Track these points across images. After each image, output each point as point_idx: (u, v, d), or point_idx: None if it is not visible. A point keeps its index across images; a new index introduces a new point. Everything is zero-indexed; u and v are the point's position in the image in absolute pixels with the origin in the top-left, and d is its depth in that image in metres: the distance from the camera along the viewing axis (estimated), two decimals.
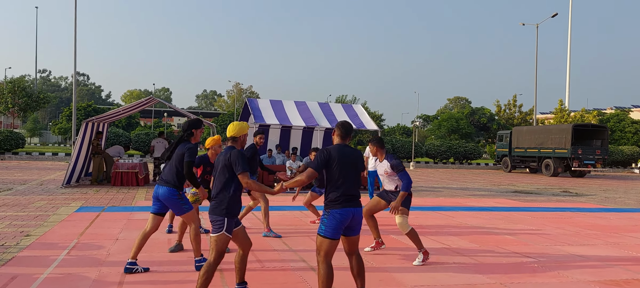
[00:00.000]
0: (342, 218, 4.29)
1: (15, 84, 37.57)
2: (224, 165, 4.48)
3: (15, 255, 6.19)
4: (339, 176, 4.33)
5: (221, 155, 4.56)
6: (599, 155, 28.47)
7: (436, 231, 8.76)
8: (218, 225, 4.40)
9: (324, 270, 4.25)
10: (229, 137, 4.71)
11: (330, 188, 4.35)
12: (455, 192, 17.11)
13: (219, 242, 4.38)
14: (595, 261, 6.84)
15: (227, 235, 4.42)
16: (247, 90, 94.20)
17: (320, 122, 16.02)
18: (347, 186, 4.35)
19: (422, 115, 68.63)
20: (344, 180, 4.34)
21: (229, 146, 4.64)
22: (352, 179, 4.40)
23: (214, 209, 4.44)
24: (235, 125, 4.73)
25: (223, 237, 4.39)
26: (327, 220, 4.31)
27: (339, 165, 4.34)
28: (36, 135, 72.83)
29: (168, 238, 7.47)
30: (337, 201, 4.30)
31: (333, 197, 4.32)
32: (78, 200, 11.54)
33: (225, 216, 4.40)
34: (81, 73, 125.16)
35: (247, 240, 4.65)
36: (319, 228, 4.35)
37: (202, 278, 4.33)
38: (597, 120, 45.47)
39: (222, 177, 4.47)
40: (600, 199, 15.89)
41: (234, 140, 4.70)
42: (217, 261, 4.38)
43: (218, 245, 4.38)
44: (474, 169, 36.88)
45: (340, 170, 4.34)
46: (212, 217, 4.44)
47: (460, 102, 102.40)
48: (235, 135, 4.70)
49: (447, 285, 5.42)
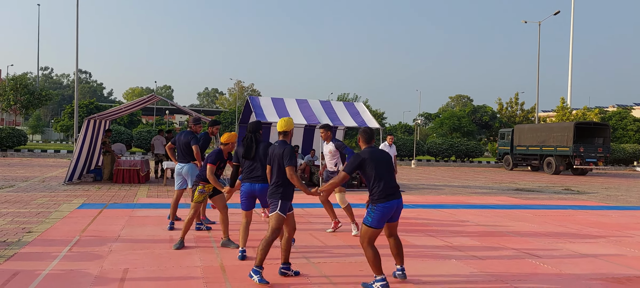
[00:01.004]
0: (387, 211, 4.90)
1: (17, 81, 37.59)
2: (280, 157, 5.21)
3: (17, 251, 6.20)
4: (376, 175, 4.92)
5: (276, 148, 5.28)
6: (600, 153, 28.42)
7: (438, 228, 8.75)
8: (273, 205, 5.18)
9: (371, 253, 4.87)
10: (280, 131, 5.41)
11: (372, 186, 4.92)
12: (456, 189, 17.10)
13: (275, 221, 5.13)
14: (597, 258, 6.83)
15: (282, 214, 5.17)
16: (248, 88, 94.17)
17: (321, 120, 16.00)
18: (387, 182, 4.93)
19: (424, 114, 68.57)
20: (382, 177, 4.93)
21: (281, 140, 5.37)
22: (389, 175, 5.00)
23: (272, 193, 5.21)
24: (284, 121, 5.42)
25: (278, 216, 5.15)
26: (374, 213, 4.89)
27: (373, 165, 4.94)
28: (38, 133, 72.89)
29: (170, 236, 7.48)
30: (382, 196, 4.88)
31: (377, 192, 4.89)
32: (80, 197, 11.56)
33: (280, 199, 5.17)
34: (83, 71, 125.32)
35: (293, 225, 5.36)
36: (365, 219, 4.95)
37: (262, 251, 5.04)
38: (599, 118, 45.39)
39: (278, 166, 5.22)
40: (602, 197, 15.87)
41: (284, 135, 5.42)
42: (274, 236, 5.11)
43: (273, 223, 5.13)
44: (476, 167, 36.86)
45: (376, 169, 4.94)
46: (270, 199, 5.21)
47: (462, 100, 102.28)
48: (286, 130, 5.41)
49: (449, 282, 5.42)
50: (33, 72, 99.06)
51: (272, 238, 5.08)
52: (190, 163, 8.02)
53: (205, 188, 6.64)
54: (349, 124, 16.32)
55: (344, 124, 16.31)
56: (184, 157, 8.02)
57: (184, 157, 8.02)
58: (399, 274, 5.34)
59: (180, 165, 8.07)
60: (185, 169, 8.02)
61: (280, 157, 5.21)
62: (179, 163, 8.10)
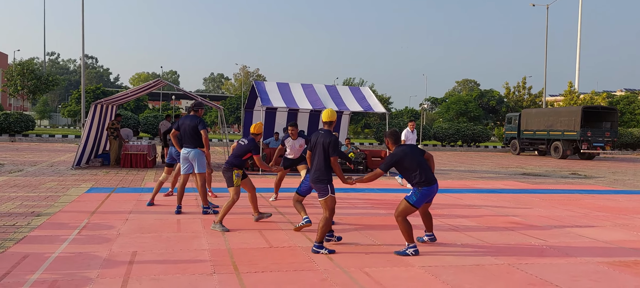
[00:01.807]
0: (429, 193, 5.80)
1: (24, 66, 37.66)
2: (322, 146, 5.81)
3: (26, 234, 6.27)
4: (416, 165, 5.74)
5: (322, 136, 5.86)
6: (608, 137, 28.25)
7: (444, 213, 8.76)
8: (323, 190, 5.80)
9: (406, 225, 5.73)
10: (325, 121, 6.02)
11: (413, 176, 5.74)
12: (463, 174, 17.08)
13: (329, 202, 5.79)
14: (604, 242, 6.83)
15: (333, 196, 5.81)
16: (254, 73, 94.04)
17: (327, 105, 15.95)
18: (425, 172, 5.76)
19: (430, 98, 68.21)
20: (421, 166, 5.76)
21: (326, 130, 5.95)
22: (425, 166, 5.81)
23: (318, 179, 5.82)
24: (329, 111, 6.04)
25: (331, 198, 5.79)
26: (418, 194, 5.75)
27: (409, 159, 5.75)
28: (46, 118, 73.23)
29: (177, 219, 7.53)
30: (424, 182, 5.73)
31: (419, 180, 5.73)
32: (88, 181, 11.64)
33: (328, 183, 5.80)
34: (89, 56, 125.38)
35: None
36: (410, 198, 5.77)
37: (322, 229, 5.70)
38: (606, 102, 45.05)
39: (324, 154, 5.82)
40: (610, 181, 15.81)
41: (329, 124, 6.01)
42: (331, 216, 5.77)
43: (329, 205, 5.78)
44: (482, 152, 36.76)
45: (412, 163, 5.74)
46: (317, 185, 5.82)
47: (469, 84, 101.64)
48: (331, 120, 6.04)
49: (456, 266, 5.44)
50: (39, 57, 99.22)
51: (330, 218, 5.78)
52: (196, 149, 7.96)
53: (240, 173, 7.07)
54: (355, 108, 16.27)
55: (350, 108, 16.27)
56: (191, 142, 7.94)
57: (191, 142, 7.94)
58: (430, 238, 6.37)
59: (187, 150, 7.97)
60: (192, 154, 7.94)
61: (327, 146, 5.80)
62: (185, 148, 8.01)
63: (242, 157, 7.09)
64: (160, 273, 4.87)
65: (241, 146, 7.12)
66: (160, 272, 4.90)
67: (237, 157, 7.07)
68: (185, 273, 4.90)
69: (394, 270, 5.22)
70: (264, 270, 5.07)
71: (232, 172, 7.00)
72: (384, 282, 4.82)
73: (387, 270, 5.19)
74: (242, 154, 7.08)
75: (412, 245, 5.76)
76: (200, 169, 7.97)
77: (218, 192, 10.17)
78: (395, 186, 12.57)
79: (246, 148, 7.08)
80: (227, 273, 4.95)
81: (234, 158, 7.08)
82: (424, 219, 6.33)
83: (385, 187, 12.18)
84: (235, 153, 7.11)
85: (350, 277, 4.94)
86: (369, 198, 10.29)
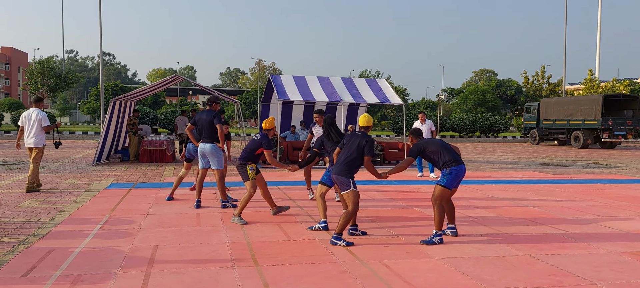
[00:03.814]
0: (459, 173, 5.99)
1: (43, 64, 38.26)
2: (358, 145, 5.99)
3: (50, 230, 6.39)
4: (439, 149, 6.04)
5: (357, 137, 6.06)
6: (630, 126, 27.77)
7: (463, 204, 8.71)
8: (345, 184, 5.90)
9: (440, 211, 5.95)
10: (362, 126, 6.25)
11: (441, 160, 6.01)
12: (481, 165, 16.95)
13: (351, 196, 5.87)
14: (627, 232, 6.73)
15: (356, 190, 5.91)
16: (270, 66, 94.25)
17: (343, 98, 15.93)
18: (450, 154, 6.03)
19: (447, 89, 67.73)
20: (445, 149, 6.05)
21: (363, 132, 6.18)
22: (450, 148, 6.12)
23: (342, 172, 5.93)
24: (365, 117, 6.31)
25: (353, 192, 5.88)
26: (448, 175, 5.95)
27: (431, 144, 6.10)
28: (66, 115, 74.37)
29: (197, 213, 7.61)
30: (452, 162, 5.97)
31: (447, 161, 5.98)
32: (109, 177, 11.80)
33: (350, 178, 5.94)
34: (107, 53, 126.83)
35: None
36: (441, 181, 5.98)
37: (343, 222, 5.80)
38: (628, 90, 44.24)
39: (354, 152, 5.98)
40: (632, 170, 15.55)
41: (366, 129, 6.25)
42: (355, 210, 5.87)
43: (352, 199, 5.86)
44: (501, 142, 36.41)
45: (434, 145, 6.08)
46: (340, 178, 5.93)
47: (486, 74, 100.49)
48: (368, 125, 6.27)
49: (475, 257, 5.41)
50: (59, 55, 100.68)
51: (353, 212, 5.87)
52: (213, 143, 8.02)
53: (254, 166, 7.11)
54: (372, 100, 16.22)
55: (366, 100, 16.22)
56: (208, 136, 7.99)
57: (208, 136, 7.99)
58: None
59: (203, 145, 8.06)
60: (209, 149, 8.01)
61: (363, 145, 6.01)
62: (202, 143, 8.06)
63: (255, 152, 7.14)
64: (182, 267, 4.93)
65: (254, 141, 7.19)
66: (181, 266, 4.95)
67: (250, 152, 7.12)
68: (206, 266, 4.95)
69: (413, 262, 5.22)
70: (283, 263, 5.10)
71: (247, 166, 7.07)
72: (403, 273, 4.82)
73: (406, 262, 5.19)
74: (255, 149, 7.13)
75: (439, 232, 5.93)
76: (218, 166, 8.04)
77: (230, 186, 10.20)
78: (414, 178, 12.52)
79: (258, 143, 7.14)
80: (247, 266, 4.99)
81: (246, 153, 7.13)
82: (446, 209, 6.35)
83: (404, 179, 12.14)
84: (248, 148, 7.17)
85: (370, 269, 4.95)
86: (388, 189, 10.27)
